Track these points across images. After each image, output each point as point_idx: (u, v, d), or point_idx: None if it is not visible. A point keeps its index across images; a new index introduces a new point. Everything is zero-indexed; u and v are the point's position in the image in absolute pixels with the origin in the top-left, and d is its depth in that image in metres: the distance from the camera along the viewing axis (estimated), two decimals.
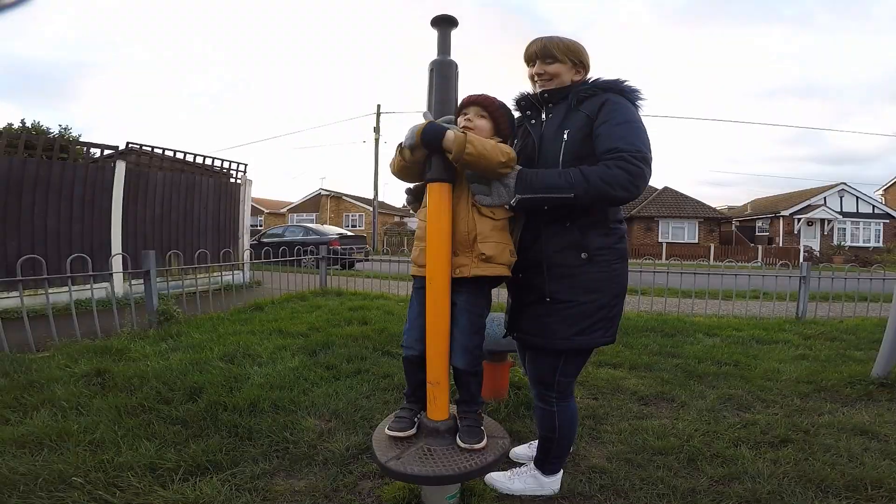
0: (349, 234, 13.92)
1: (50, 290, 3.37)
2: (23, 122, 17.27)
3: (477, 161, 1.29)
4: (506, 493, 1.62)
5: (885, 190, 26.55)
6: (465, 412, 1.44)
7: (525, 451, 1.88)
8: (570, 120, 1.41)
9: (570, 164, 1.36)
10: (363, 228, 28.36)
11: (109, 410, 2.08)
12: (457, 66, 1.49)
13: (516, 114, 1.55)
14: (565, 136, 1.39)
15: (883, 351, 2.80)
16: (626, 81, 1.44)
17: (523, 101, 1.53)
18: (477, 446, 1.36)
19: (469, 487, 1.57)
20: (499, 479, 1.66)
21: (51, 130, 17.01)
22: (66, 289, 3.38)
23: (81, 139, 6.26)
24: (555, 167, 1.38)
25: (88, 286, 3.59)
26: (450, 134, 1.29)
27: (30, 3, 0.84)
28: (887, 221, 22.80)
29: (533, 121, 1.50)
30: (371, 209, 24.54)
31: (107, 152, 6.10)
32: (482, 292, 1.43)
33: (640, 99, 1.44)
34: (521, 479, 1.65)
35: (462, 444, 1.36)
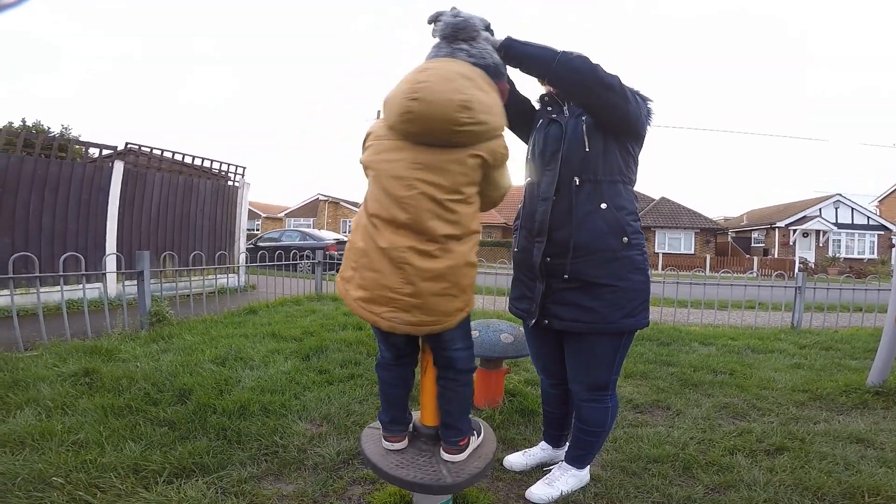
0: (346, 239, 13.89)
1: (42, 289, 3.33)
2: (23, 120, 17.27)
3: None
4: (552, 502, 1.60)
5: (879, 202, 26.74)
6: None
7: (520, 458, 1.84)
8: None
9: (595, 143, 1.45)
10: None
11: (95, 411, 2.05)
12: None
13: (537, 106, 1.66)
14: (584, 118, 1.49)
15: (878, 360, 2.79)
16: None
17: (546, 97, 1.63)
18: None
19: (462, 495, 1.54)
20: (539, 493, 1.62)
21: (51, 130, 17.01)
22: (58, 288, 3.34)
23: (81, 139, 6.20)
24: (583, 149, 1.46)
25: (81, 286, 3.54)
26: None
27: (29, 1, 0.84)
28: (882, 233, 22.94)
29: (554, 115, 1.58)
30: None
31: (105, 152, 6.09)
32: None
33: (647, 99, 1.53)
34: (560, 482, 1.64)
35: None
